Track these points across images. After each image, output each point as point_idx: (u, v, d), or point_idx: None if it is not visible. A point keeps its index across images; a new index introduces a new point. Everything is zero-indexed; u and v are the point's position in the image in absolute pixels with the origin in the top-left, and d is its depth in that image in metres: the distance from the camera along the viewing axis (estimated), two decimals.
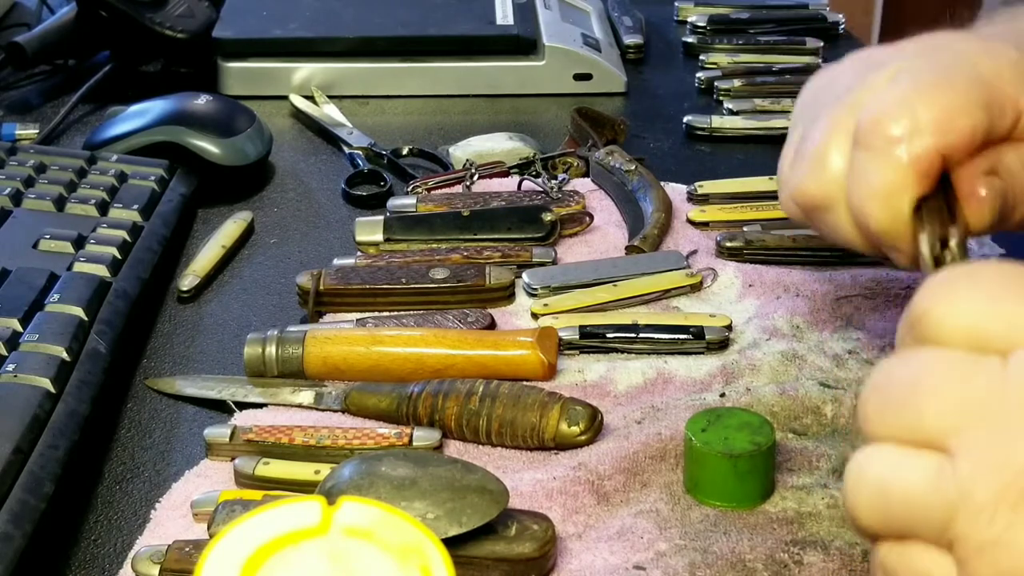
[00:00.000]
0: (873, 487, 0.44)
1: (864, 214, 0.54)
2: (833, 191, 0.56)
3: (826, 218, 0.58)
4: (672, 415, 0.65)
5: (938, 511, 0.42)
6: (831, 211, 0.57)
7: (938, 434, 0.42)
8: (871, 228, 0.55)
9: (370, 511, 0.40)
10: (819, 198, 0.57)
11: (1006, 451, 0.41)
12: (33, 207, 0.83)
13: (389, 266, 0.79)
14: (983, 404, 0.42)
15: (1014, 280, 0.43)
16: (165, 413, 0.70)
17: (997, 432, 0.41)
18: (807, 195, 0.57)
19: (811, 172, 0.57)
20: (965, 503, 0.41)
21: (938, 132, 0.52)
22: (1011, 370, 0.42)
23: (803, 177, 0.57)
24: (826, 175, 0.56)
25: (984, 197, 0.54)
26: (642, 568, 0.56)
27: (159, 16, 1.06)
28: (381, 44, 1.09)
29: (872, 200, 0.54)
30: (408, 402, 0.66)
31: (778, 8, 1.21)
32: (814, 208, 0.58)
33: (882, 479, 0.43)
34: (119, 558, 0.59)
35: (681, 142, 1.00)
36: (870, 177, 0.54)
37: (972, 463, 0.41)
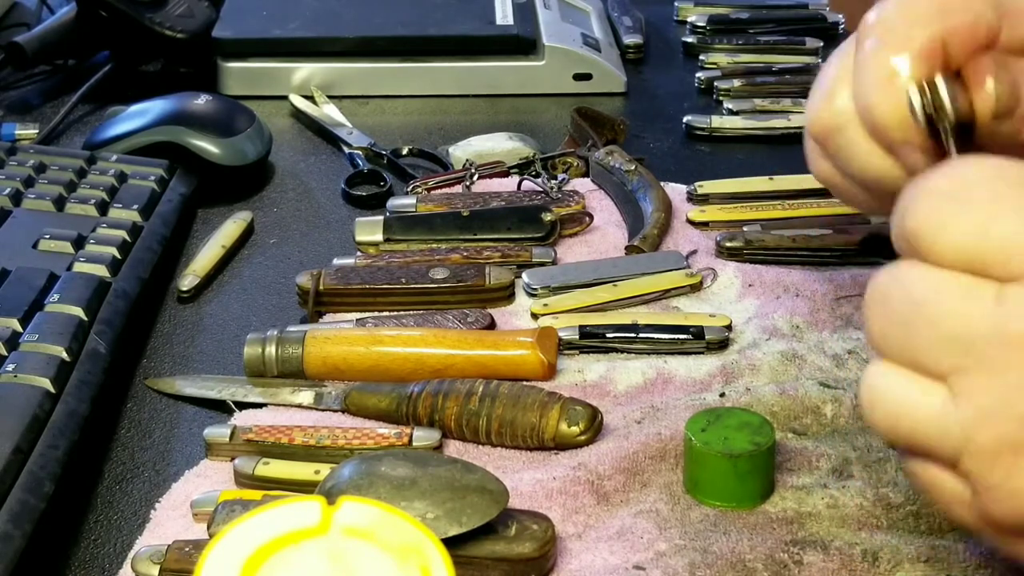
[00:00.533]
0: (885, 410, 0.44)
1: (869, 108, 0.52)
2: (844, 113, 0.54)
3: (839, 141, 0.55)
4: (672, 415, 0.65)
5: (946, 446, 0.43)
6: (843, 131, 0.55)
7: (939, 368, 0.43)
8: (876, 121, 0.52)
9: (370, 511, 0.40)
10: (830, 122, 0.55)
11: (1006, 398, 0.41)
12: (33, 207, 0.83)
13: (389, 266, 0.79)
14: (980, 343, 0.42)
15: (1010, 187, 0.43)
16: (165, 413, 0.70)
17: (996, 376, 0.41)
18: (820, 122, 0.56)
19: (823, 100, 0.56)
20: (969, 446, 0.42)
21: (936, 15, 0.51)
22: (1008, 307, 0.41)
23: (815, 106, 0.56)
24: (837, 100, 0.55)
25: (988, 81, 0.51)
26: (642, 568, 0.56)
27: (159, 16, 1.06)
28: (381, 44, 1.09)
29: (874, 89, 0.52)
30: (408, 402, 0.66)
31: (778, 8, 1.21)
32: (827, 134, 0.56)
33: (893, 404, 0.44)
34: (119, 558, 0.59)
35: (681, 142, 1.00)
36: (870, 66, 0.52)
37: (973, 408, 0.42)
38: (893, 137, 0.52)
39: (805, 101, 1.01)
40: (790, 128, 0.99)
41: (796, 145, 0.98)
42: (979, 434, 0.41)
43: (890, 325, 0.44)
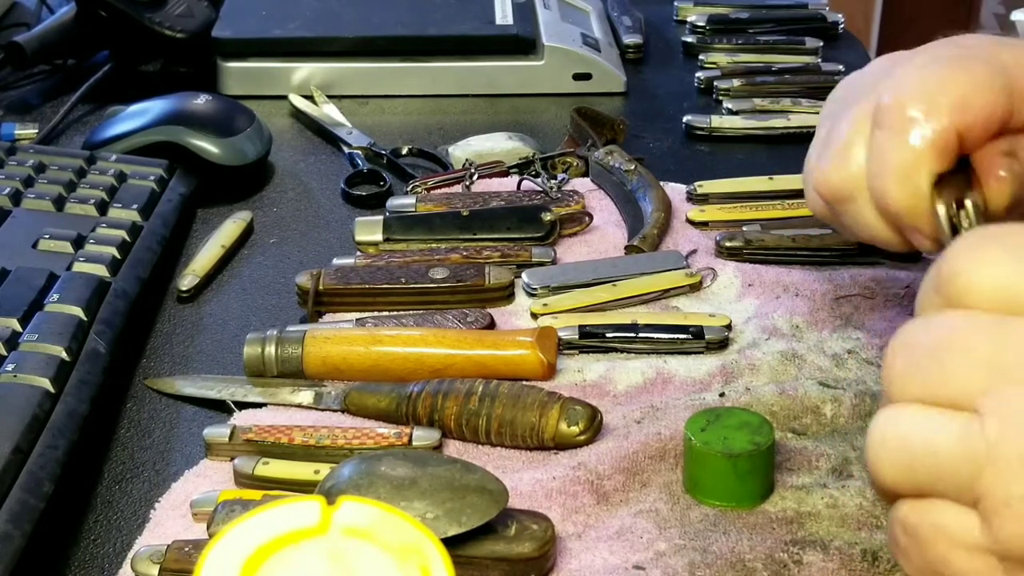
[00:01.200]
0: (897, 446, 0.44)
1: (883, 193, 0.54)
2: (856, 181, 0.56)
3: (849, 209, 0.57)
4: (671, 415, 0.65)
5: (964, 468, 0.43)
6: (854, 201, 0.56)
7: (966, 395, 0.43)
8: (890, 207, 0.54)
9: (369, 511, 0.40)
10: (842, 189, 0.57)
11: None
12: (32, 207, 0.83)
13: (388, 266, 0.79)
14: (1012, 365, 0.42)
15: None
16: (165, 413, 0.70)
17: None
18: (831, 186, 0.57)
19: (834, 163, 0.57)
20: (993, 459, 0.42)
21: (955, 110, 0.52)
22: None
23: (827, 168, 0.57)
24: (849, 166, 0.56)
25: (1003, 176, 0.53)
26: (641, 568, 0.56)
27: (158, 16, 1.06)
28: (381, 44, 1.09)
29: (890, 178, 0.53)
30: (408, 402, 0.66)
31: (777, 8, 1.21)
32: (838, 199, 0.57)
33: (907, 438, 0.44)
34: (118, 558, 0.59)
35: (680, 142, 1.00)
36: (888, 155, 0.53)
37: (1001, 421, 0.42)
38: (905, 224, 0.54)
39: (805, 101, 1.02)
40: (790, 128, 0.99)
41: (796, 145, 0.99)
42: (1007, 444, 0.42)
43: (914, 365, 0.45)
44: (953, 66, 0.54)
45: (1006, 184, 0.54)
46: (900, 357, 0.45)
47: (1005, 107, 0.53)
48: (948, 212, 0.53)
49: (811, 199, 0.61)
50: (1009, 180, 0.54)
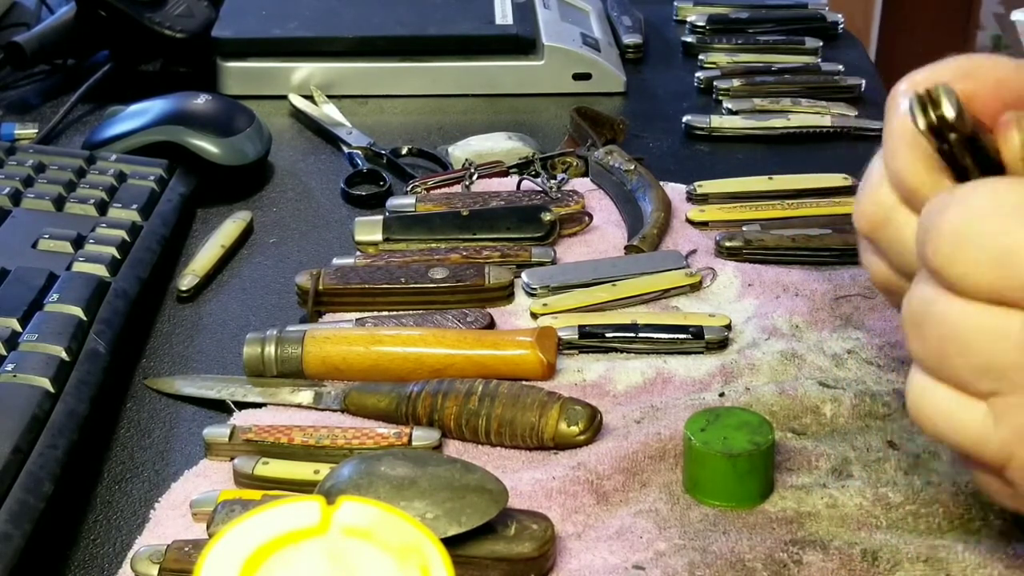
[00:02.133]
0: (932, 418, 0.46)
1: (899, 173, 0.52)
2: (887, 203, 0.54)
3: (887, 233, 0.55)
4: (671, 415, 0.65)
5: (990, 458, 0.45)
6: (889, 222, 0.54)
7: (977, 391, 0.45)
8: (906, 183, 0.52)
9: (369, 511, 0.40)
10: (876, 216, 0.55)
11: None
12: (32, 207, 0.83)
13: (388, 266, 0.79)
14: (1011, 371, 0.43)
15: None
16: (164, 413, 0.70)
17: None
18: (865, 217, 0.55)
19: (867, 191, 0.56)
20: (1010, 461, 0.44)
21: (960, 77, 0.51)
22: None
23: (861, 201, 0.56)
24: (880, 192, 0.55)
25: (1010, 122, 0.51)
26: (641, 568, 0.56)
27: (158, 16, 1.06)
28: (380, 44, 1.09)
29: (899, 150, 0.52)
30: (407, 402, 0.66)
31: (777, 8, 1.21)
32: (874, 229, 0.55)
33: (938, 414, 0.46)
34: (118, 558, 0.59)
35: (680, 142, 1.00)
36: (894, 132, 0.52)
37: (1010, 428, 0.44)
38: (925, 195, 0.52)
39: (804, 101, 1.02)
40: (790, 128, 0.99)
41: (795, 145, 0.99)
42: (1018, 451, 0.44)
43: (927, 348, 0.46)
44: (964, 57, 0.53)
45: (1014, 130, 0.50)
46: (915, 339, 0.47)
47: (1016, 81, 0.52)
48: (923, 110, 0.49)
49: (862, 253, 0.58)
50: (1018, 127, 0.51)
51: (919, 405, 0.47)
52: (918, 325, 0.46)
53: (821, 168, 0.90)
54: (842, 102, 1.03)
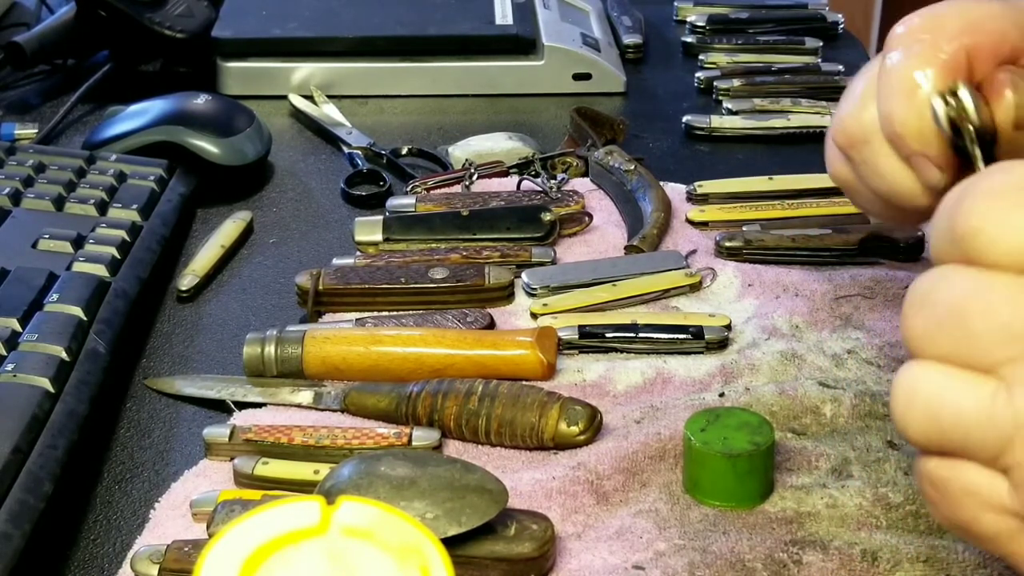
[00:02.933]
0: (925, 408, 0.44)
1: (890, 118, 0.53)
2: (870, 124, 0.55)
3: (864, 154, 0.56)
4: (671, 415, 0.65)
5: (992, 438, 0.42)
6: (868, 144, 0.55)
7: (991, 362, 0.42)
8: (897, 131, 0.53)
9: (369, 511, 0.40)
10: (856, 131, 0.56)
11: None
12: (32, 207, 0.83)
13: (388, 266, 0.79)
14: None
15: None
16: (164, 413, 0.70)
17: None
18: (846, 131, 0.56)
19: (849, 110, 0.56)
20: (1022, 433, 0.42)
21: (964, 31, 0.52)
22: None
23: (842, 115, 0.57)
24: (863, 111, 0.55)
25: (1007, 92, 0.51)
26: (641, 568, 0.56)
27: (158, 16, 1.06)
28: (380, 44, 1.09)
29: (897, 99, 0.52)
30: (407, 402, 0.66)
31: (777, 8, 1.21)
32: (852, 144, 0.56)
33: (934, 401, 0.44)
34: (118, 558, 0.59)
35: (680, 142, 1.00)
36: (894, 78, 0.53)
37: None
38: (912, 147, 0.53)
39: (804, 101, 1.02)
40: (790, 128, 0.99)
41: (796, 145, 0.99)
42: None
43: (936, 324, 0.44)
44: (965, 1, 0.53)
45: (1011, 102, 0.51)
46: (920, 315, 0.44)
47: (1017, 38, 0.52)
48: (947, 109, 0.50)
49: (829, 156, 0.59)
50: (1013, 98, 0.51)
51: (907, 396, 0.44)
52: (928, 301, 0.44)
53: (821, 168, 0.89)
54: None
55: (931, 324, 0.44)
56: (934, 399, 0.44)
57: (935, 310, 0.44)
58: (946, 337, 0.44)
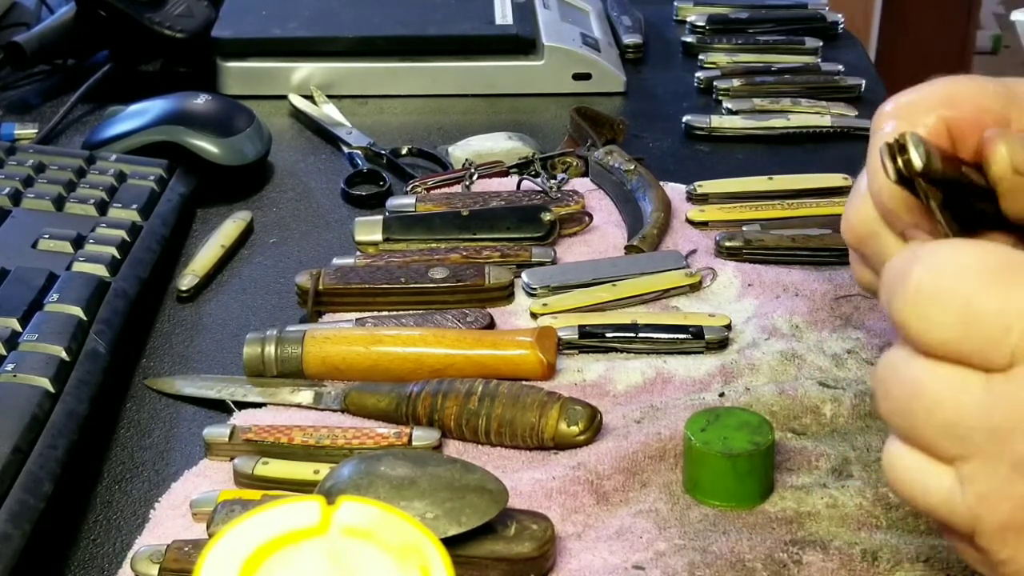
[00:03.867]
0: (902, 486, 0.46)
1: (879, 193, 0.53)
2: (872, 217, 0.55)
3: (873, 247, 0.56)
4: (671, 415, 0.65)
5: (959, 525, 0.45)
6: (875, 236, 0.56)
7: (944, 455, 0.45)
8: (886, 204, 0.53)
9: (369, 511, 0.40)
10: (862, 226, 0.56)
11: (1003, 484, 0.43)
12: (32, 207, 0.83)
13: (388, 266, 0.79)
14: (974, 434, 0.43)
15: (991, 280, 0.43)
16: (164, 413, 0.70)
17: (991, 464, 0.43)
18: (852, 230, 0.57)
19: (853, 205, 0.56)
20: (977, 526, 0.44)
21: (941, 104, 0.53)
22: (994, 398, 0.43)
23: (848, 213, 0.57)
24: (865, 204, 0.55)
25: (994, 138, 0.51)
26: (641, 568, 0.56)
27: (158, 16, 1.06)
28: (380, 44, 1.09)
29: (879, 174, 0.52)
30: (407, 402, 0.66)
31: (777, 8, 1.21)
32: (860, 241, 0.57)
33: (907, 482, 0.46)
34: (118, 558, 0.59)
35: (680, 142, 1.00)
36: (876, 153, 0.53)
37: (976, 494, 0.44)
38: (905, 220, 0.53)
39: (804, 101, 1.03)
40: (789, 128, 0.99)
41: (795, 145, 0.99)
42: (984, 517, 0.44)
43: (896, 411, 0.46)
44: (949, 77, 0.54)
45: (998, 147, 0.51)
46: (883, 400, 0.46)
47: (999, 109, 0.53)
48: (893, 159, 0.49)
49: (852, 262, 0.60)
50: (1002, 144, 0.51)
51: (892, 470, 0.47)
52: (886, 386, 0.46)
53: (821, 168, 0.90)
54: (842, 102, 1.03)
55: (893, 411, 0.46)
56: (909, 483, 0.46)
57: (893, 399, 0.46)
58: (906, 425, 0.46)
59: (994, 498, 0.43)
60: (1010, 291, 0.43)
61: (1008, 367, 0.43)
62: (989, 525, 0.44)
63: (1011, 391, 0.43)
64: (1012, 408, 0.43)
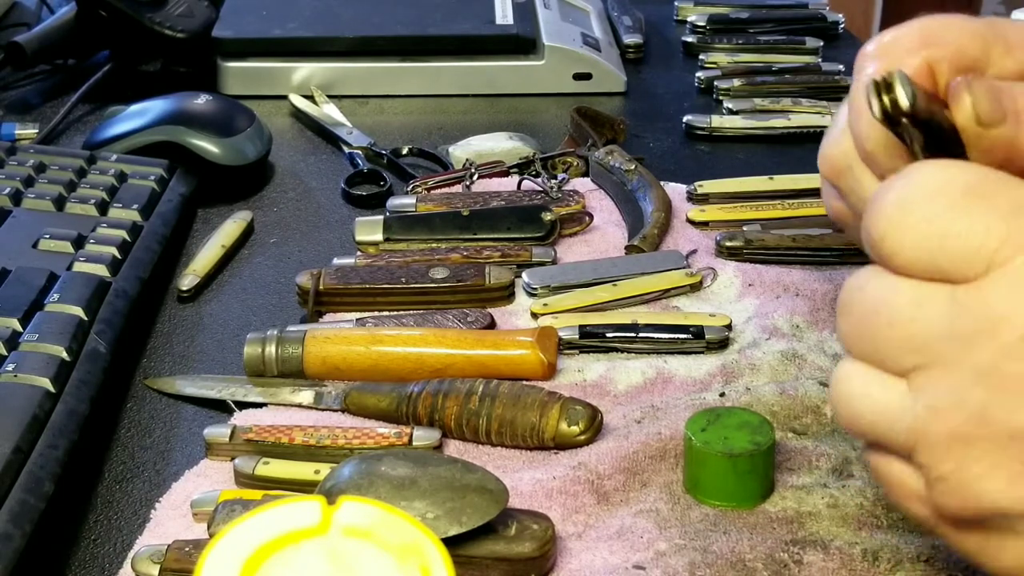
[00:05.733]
0: (848, 405, 0.47)
1: (859, 136, 0.53)
2: (849, 151, 0.55)
3: (848, 181, 0.56)
4: (672, 415, 0.65)
5: (902, 440, 0.45)
6: (850, 170, 0.56)
7: (899, 368, 0.45)
8: (866, 147, 0.53)
9: (370, 511, 0.40)
10: (839, 162, 0.56)
11: (957, 392, 0.43)
12: (33, 207, 0.83)
13: (389, 266, 0.79)
14: (934, 342, 0.44)
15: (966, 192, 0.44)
16: (165, 413, 0.70)
17: (948, 372, 0.43)
18: (829, 161, 0.57)
19: (831, 139, 0.57)
20: (922, 439, 0.44)
21: (925, 44, 0.52)
22: (958, 307, 0.43)
23: (825, 146, 0.57)
24: (844, 140, 0.55)
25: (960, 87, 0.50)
26: (642, 568, 0.56)
27: (159, 16, 1.06)
28: (380, 44, 1.09)
29: (862, 111, 0.52)
30: (408, 402, 0.66)
31: (778, 8, 1.21)
32: (836, 174, 0.57)
33: (856, 400, 0.46)
34: (119, 558, 0.59)
35: (681, 142, 1.00)
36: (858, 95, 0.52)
37: (928, 403, 0.44)
38: (883, 164, 0.53)
39: (805, 101, 1.03)
40: (790, 128, 0.99)
41: (796, 145, 0.99)
42: (932, 427, 0.44)
43: (855, 327, 0.46)
44: (931, 16, 0.54)
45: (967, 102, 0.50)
46: (844, 318, 0.47)
47: (975, 50, 0.52)
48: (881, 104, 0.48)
49: (824, 193, 0.60)
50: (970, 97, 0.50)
51: (838, 389, 0.47)
52: (849, 303, 0.46)
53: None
54: (842, 102, 1.02)
55: (852, 328, 0.46)
56: (856, 398, 0.46)
57: (854, 315, 0.46)
58: (863, 341, 0.46)
59: (947, 407, 0.43)
60: (987, 205, 0.43)
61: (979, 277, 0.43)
62: (936, 436, 0.44)
63: (979, 297, 0.43)
64: (978, 314, 0.43)
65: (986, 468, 0.43)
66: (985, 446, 0.43)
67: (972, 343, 0.43)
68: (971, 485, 0.44)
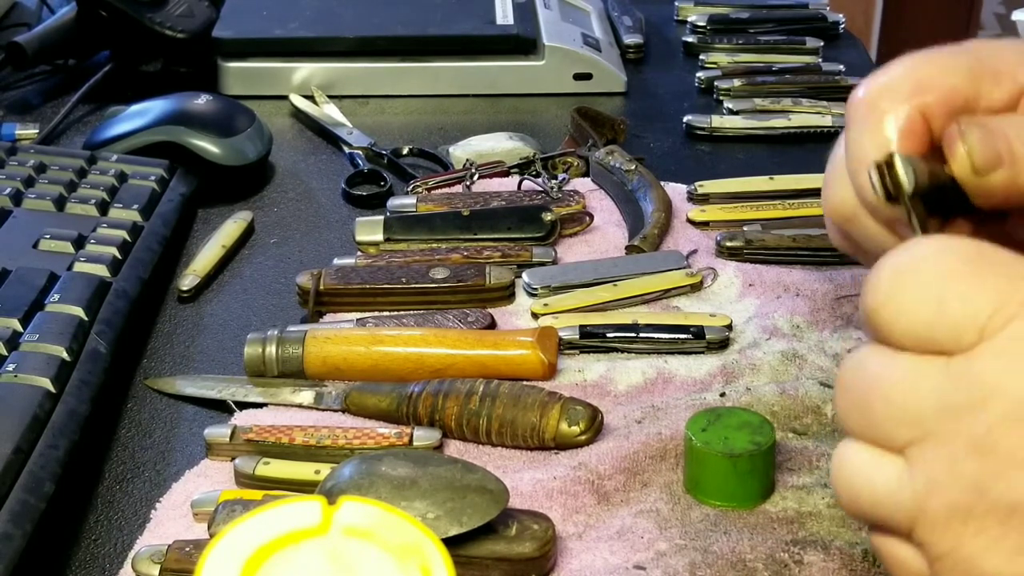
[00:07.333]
0: (848, 486, 0.46)
1: (860, 189, 0.53)
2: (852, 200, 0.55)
3: (854, 227, 0.56)
4: (672, 415, 0.65)
5: (902, 518, 0.44)
6: (856, 217, 0.55)
7: (895, 444, 0.44)
8: (868, 201, 0.53)
9: (370, 511, 0.40)
10: (842, 208, 0.56)
11: (953, 467, 0.43)
12: (33, 207, 0.83)
13: (389, 266, 0.79)
14: (929, 416, 0.43)
15: (961, 264, 0.44)
16: (165, 413, 0.70)
17: (943, 446, 0.43)
18: (835, 210, 0.56)
19: (832, 186, 0.56)
20: (921, 516, 0.44)
21: (916, 92, 0.52)
22: (952, 379, 0.43)
23: (829, 194, 0.57)
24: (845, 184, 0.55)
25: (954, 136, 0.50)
26: (642, 568, 0.56)
27: (159, 16, 1.06)
28: (381, 44, 1.09)
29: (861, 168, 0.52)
30: (408, 402, 0.66)
31: (778, 8, 1.21)
32: (842, 220, 0.56)
33: (854, 480, 0.46)
34: (119, 558, 0.59)
35: (681, 142, 1.00)
36: (858, 147, 0.53)
37: (925, 478, 0.43)
38: (887, 215, 0.53)
39: (805, 101, 1.03)
40: (790, 128, 0.99)
41: (796, 145, 0.99)
42: (930, 502, 0.43)
43: (853, 404, 0.46)
44: (918, 56, 0.53)
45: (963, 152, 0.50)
46: (842, 396, 0.46)
47: (969, 85, 0.52)
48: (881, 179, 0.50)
49: (829, 230, 0.60)
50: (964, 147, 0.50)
51: (839, 471, 0.46)
52: (847, 380, 0.46)
53: (822, 168, 0.88)
54: (843, 102, 1.02)
55: (850, 405, 0.46)
56: (854, 477, 0.46)
57: (849, 393, 0.46)
58: (861, 418, 0.45)
59: (944, 480, 0.43)
60: (980, 276, 0.43)
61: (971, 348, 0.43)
62: (934, 512, 0.43)
63: (971, 368, 0.43)
64: (970, 386, 0.42)
65: (985, 544, 0.43)
66: (983, 521, 0.42)
67: (965, 415, 0.42)
68: (971, 562, 0.43)
